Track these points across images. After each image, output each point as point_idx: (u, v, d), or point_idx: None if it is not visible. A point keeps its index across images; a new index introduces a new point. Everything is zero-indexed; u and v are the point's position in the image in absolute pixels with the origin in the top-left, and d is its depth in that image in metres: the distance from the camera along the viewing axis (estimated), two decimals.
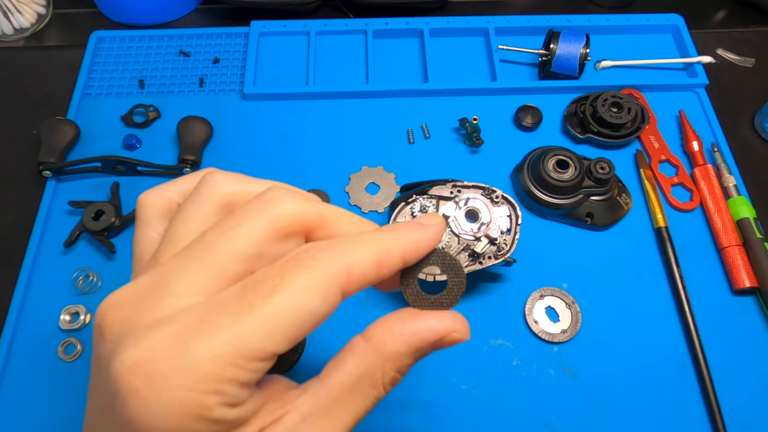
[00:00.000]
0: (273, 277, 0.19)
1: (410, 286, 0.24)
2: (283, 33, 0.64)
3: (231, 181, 0.24)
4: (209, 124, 0.56)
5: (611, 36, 0.65)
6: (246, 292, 0.19)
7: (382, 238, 0.22)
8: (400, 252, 0.22)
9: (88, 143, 0.57)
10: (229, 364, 0.18)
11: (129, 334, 0.18)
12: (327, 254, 0.20)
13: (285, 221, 0.21)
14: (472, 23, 0.64)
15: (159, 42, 0.64)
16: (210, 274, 0.20)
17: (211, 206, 0.23)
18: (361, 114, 0.59)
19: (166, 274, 0.20)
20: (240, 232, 0.21)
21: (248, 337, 0.18)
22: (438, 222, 0.24)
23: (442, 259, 0.24)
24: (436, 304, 0.24)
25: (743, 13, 0.70)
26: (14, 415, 0.44)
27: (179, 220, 0.23)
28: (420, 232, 0.23)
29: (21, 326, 0.47)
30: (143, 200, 0.25)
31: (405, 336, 0.22)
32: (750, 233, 0.50)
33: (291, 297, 0.19)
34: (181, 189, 0.25)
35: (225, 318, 0.18)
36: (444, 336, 0.23)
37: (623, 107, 0.55)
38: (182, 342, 0.18)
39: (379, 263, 0.21)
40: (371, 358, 0.21)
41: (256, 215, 0.21)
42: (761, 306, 0.48)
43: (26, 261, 0.50)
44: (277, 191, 0.22)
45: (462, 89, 0.60)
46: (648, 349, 0.47)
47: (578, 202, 0.51)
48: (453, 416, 0.44)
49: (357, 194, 0.54)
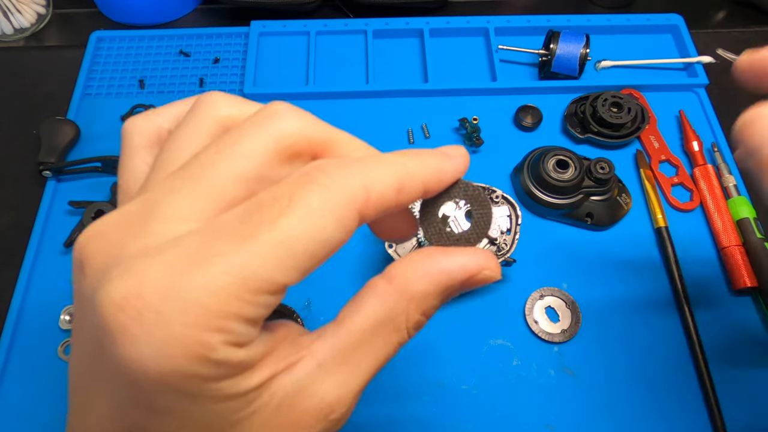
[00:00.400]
0: (281, 198, 0.16)
1: (432, 222, 0.22)
2: (283, 33, 0.65)
3: (230, 102, 0.21)
4: None
5: (611, 36, 0.65)
6: (250, 215, 0.16)
7: (404, 160, 0.19)
8: (423, 178, 0.20)
9: (88, 143, 0.57)
10: (233, 296, 0.15)
11: (115, 265, 0.16)
12: (344, 171, 0.17)
13: (290, 139, 0.19)
14: (472, 23, 0.64)
15: (159, 42, 0.64)
16: (206, 196, 0.17)
17: (208, 129, 0.20)
18: (361, 114, 0.59)
19: (155, 198, 0.17)
20: (239, 150, 0.18)
21: (254, 267, 0.16)
22: (462, 153, 0.22)
23: (464, 190, 0.22)
24: (462, 241, 0.21)
25: (743, 13, 0.70)
26: (14, 414, 0.44)
27: (171, 145, 0.20)
28: (444, 160, 0.21)
29: (21, 326, 0.47)
30: (129, 126, 0.22)
31: (433, 274, 0.20)
32: (750, 233, 0.50)
33: (302, 220, 0.16)
34: (174, 115, 0.22)
35: (226, 245, 0.16)
36: (475, 274, 0.20)
37: (623, 107, 0.55)
38: (177, 272, 0.15)
39: (401, 187, 0.19)
40: (394, 300, 0.19)
41: (258, 132, 0.18)
42: (761, 306, 0.48)
43: (26, 261, 0.50)
44: (279, 105, 0.19)
45: (462, 89, 0.60)
46: (648, 349, 0.47)
47: (578, 202, 0.51)
48: (453, 416, 0.44)
49: None
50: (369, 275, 0.50)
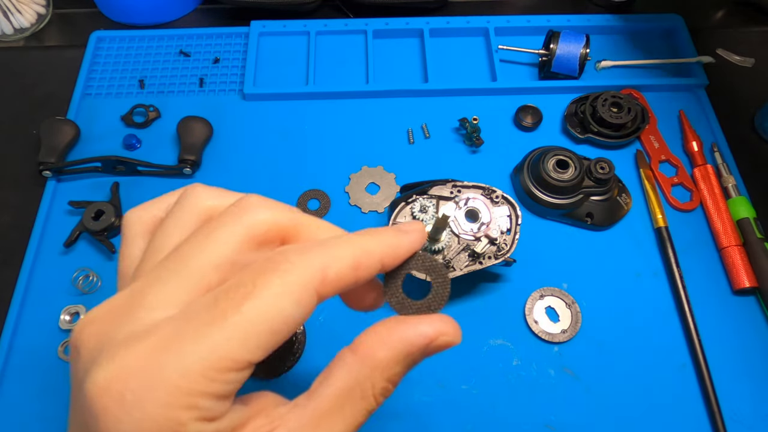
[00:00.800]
0: (245, 284, 0.19)
1: (394, 293, 0.24)
2: (283, 33, 0.65)
3: (211, 194, 0.24)
4: (209, 124, 0.56)
5: (611, 36, 0.65)
6: (218, 300, 0.18)
7: (360, 240, 0.22)
8: (379, 254, 0.22)
9: (88, 143, 0.57)
10: (201, 376, 0.17)
11: (102, 351, 0.18)
12: (302, 256, 0.20)
13: (260, 228, 0.21)
14: (472, 23, 0.64)
15: (159, 42, 0.64)
16: (185, 284, 0.19)
17: (191, 219, 0.23)
18: (361, 114, 0.59)
19: (141, 288, 0.20)
20: (214, 239, 0.20)
21: (221, 348, 0.18)
22: (418, 229, 0.24)
23: (423, 262, 0.24)
24: (423, 309, 0.23)
25: (743, 13, 0.70)
26: (14, 415, 0.44)
27: (160, 234, 0.22)
28: (400, 236, 0.23)
29: (21, 326, 0.47)
30: (128, 217, 0.25)
31: (393, 343, 0.21)
32: (750, 233, 0.50)
33: (264, 303, 0.18)
34: (166, 205, 0.25)
35: (196, 329, 0.18)
36: (433, 340, 0.22)
37: (623, 107, 0.55)
38: (154, 357, 0.17)
39: (357, 265, 0.21)
40: (360, 369, 0.21)
41: (231, 223, 0.21)
42: (761, 306, 0.48)
43: (26, 261, 0.50)
44: (252, 198, 0.22)
45: (462, 89, 0.60)
46: (648, 349, 0.47)
47: (578, 202, 0.51)
48: (453, 416, 0.44)
49: (357, 194, 0.54)
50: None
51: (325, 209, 0.53)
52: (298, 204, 0.53)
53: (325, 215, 0.53)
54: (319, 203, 0.53)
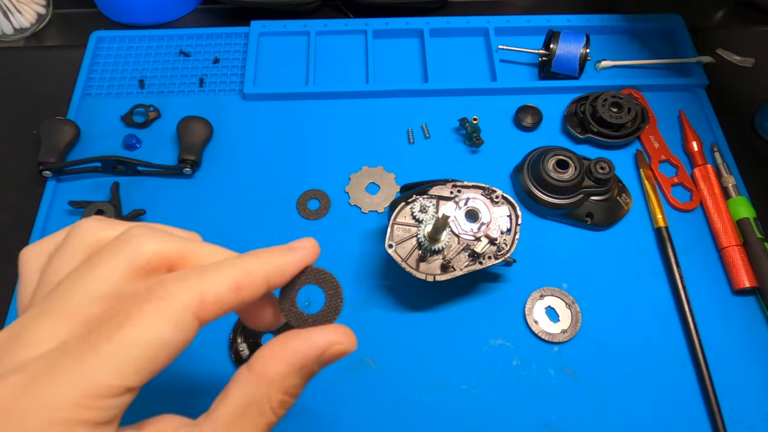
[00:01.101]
0: (118, 313, 0.19)
1: (289, 308, 0.24)
2: (283, 33, 0.65)
3: (98, 226, 0.24)
4: (209, 124, 0.56)
5: (611, 36, 0.65)
6: (91, 332, 0.19)
7: (241, 263, 0.22)
8: (263, 274, 0.22)
9: (88, 143, 0.57)
10: (75, 406, 0.18)
11: None
12: (179, 283, 0.20)
13: (143, 258, 0.21)
14: (472, 23, 0.64)
15: (159, 42, 0.64)
16: (64, 318, 0.20)
17: (79, 252, 0.23)
18: (361, 114, 0.59)
19: (22, 325, 0.20)
20: (96, 273, 0.21)
21: (92, 377, 0.18)
22: (308, 246, 0.24)
23: (315, 276, 0.25)
24: (318, 321, 0.24)
25: (743, 13, 0.70)
26: None
27: (48, 269, 0.23)
28: (286, 255, 0.23)
29: None
30: (22, 256, 0.25)
31: (287, 356, 0.22)
32: (750, 233, 0.50)
33: (138, 330, 0.19)
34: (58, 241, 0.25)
35: (69, 362, 0.18)
36: (326, 349, 0.22)
37: (623, 107, 0.55)
38: (21, 392, 0.18)
39: (238, 287, 0.21)
40: (255, 385, 0.21)
41: (113, 255, 0.21)
42: (761, 306, 0.48)
43: None
44: (135, 230, 0.22)
45: (462, 89, 0.60)
46: (648, 349, 0.47)
47: (578, 202, 0.51)
48: (453, 416, 0.44)
49: (357, 194, 0.54)
50: (369, 275, 0.50)
51: (325, 209, 0.53)
52: (298, 204, 0.53)
53: (325, 215, 0.53)
54: (319, 203, 0.53)
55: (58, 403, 0.18)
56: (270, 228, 0.52)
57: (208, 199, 0.54)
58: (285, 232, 0.52)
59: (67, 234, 0.24)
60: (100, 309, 0.20)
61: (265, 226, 0.52)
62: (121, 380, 0.18)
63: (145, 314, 0.19)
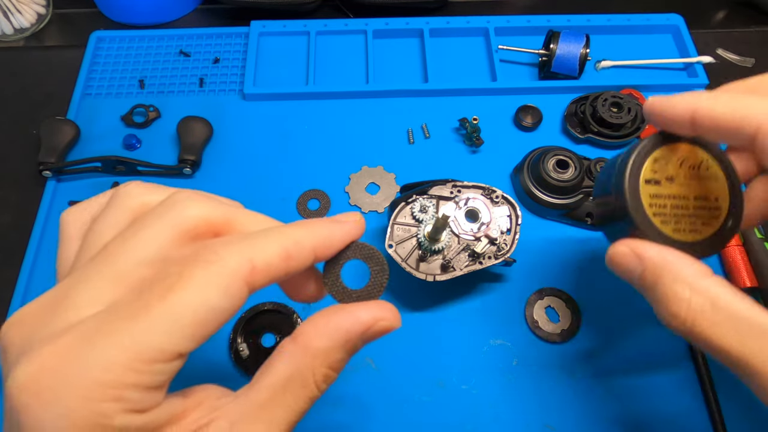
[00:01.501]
0: (170, 275, 0.19)
1: (333, 282, 0.24)
2: (283, 33, 0.65)
3: (143, 190, 0.23)
4: (209, 124, 0.56)
5: (611, 36, 0.65)
6: (142, 293, 0.19)
7: (290, 231, 0.22)
8: (311, 245, 0.22)
9: (88, 143, 0.57)
10: (126, 368, 0.17)
11: (25, 351, 0.18)
12: (228, 248, 0.20)
13: (189, 223, 0.21)
14: (472, 23, 0.64)
15: (159, 42, 0.64)
16: (111, 281, 0.19)
17: (123, 216, 0.23)
18: (361, 114, 0.59)
19: (68, 286, 0.20)
20: (142, 237, 0.20)
21: (145, 339, 0.18)
22: (354, 219, 0.24)
23: (360, 251, 0.24)
24: (363, 296, 0.24)
25: (743, 13, 0.70)
26: None
27: (91, 233, 0.23)
28: (333, 227, 0.23)
29: None
30: (63, 218, 0.25)
31: (330, 331, 0.22)
32: (750, 233, 0.50)
33: (189, 294, 0.18)
34: (101, 204, 0.24)
35: (120, 322, 0.18)
36: (371, 326, 0.22)
37: (623, 107, 0.55)
38: (73, 352, 0.17)
39: (287, 255, 0.21)
40: (299, 357, 0.21)
41: (158, 219, 0.21)
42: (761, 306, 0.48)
43: (26, 261, 0.50)
44: (181, 194, 0.22)
45: (462, 89, 0.60)
46: (648, 349, 0.47)
47: (578, 202, 0.51)
48: (453, 416, 0.44)
49: (357, 194, 0.54)
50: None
51: (325, 209, 0.53)
52: (298, 204, 0.53)
53: (325, 215, 0.53)
54: (319, 203, 0.53)
55: (111, 365, 0.17)
56: None
57: None
58: None
59: (110, 198, 0.23)
60: (147, 273, 0.20)
61: None
62: (173, 345, 0.18)
63: (195, 278, 0.19)
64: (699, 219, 0.31)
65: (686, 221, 0.31)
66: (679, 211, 0.31)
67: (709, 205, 0.31)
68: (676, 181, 0.31)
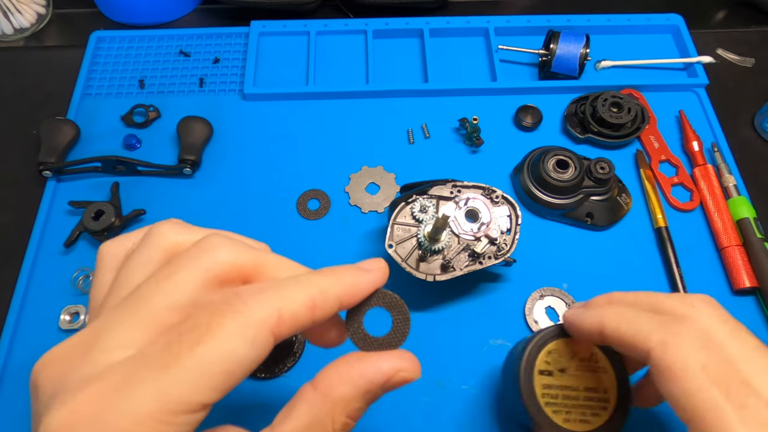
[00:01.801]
0: (199, 325, 0.19)
1: (356, 329, 0.24)
2: (283, 33, 0.65)
3: (176, 231, 0.24)
4: (209, 124, 0.56)
5: (611, 36, 0.65)
6: (172, 342, 0.19)
7: (317, 280, 0.22)
8: (336, 294, 0.22)
9: (88, 143, 0.57)
10: (154, 420, 0.17)
11: (56, 394, 0.18)
12: (257, 297, 0.20)
13: (220, 269, 0.21)
14: (472, 23, 0.64)
15: (159, 42, 0.64)
16: (142, 326, 0.20)
17: (156, 255, 0.23)
18: (361, 114, 0.59)
19: (99, 328, 0.20)
20: (174, 281, 0.21)
21: (173, 391, 0.18)
22: (380, 267, 0.24)
23: (383, 299, 0.24)
24: (384, 345, 0.24)
25: (743, 13, 0.70)
26: (14, 415, 0.43)
27: (124, 270, 0.23)
28: (359, 275, 0.23)
29: (21, 326, 0.47)
30: (103, 250, 0.25)
31: (353, 379, 0.22)
32: (750, 233, 0.50)
33: (217, 345, 0.19)
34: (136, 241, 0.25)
35: (150, 372, 0.18)
36: (392, 376, 0.22)
37: (623, 107, 0.55)
38: (105, 402, 0.18)
39: (313, 305, 0.21)
40: (320, 405, 0.21)
41: (191, 264, 0.21)
42: (761, 306, 0.48)
43: (26, 261, 0.50)
44: (213, 239, 0.22)
45: (462, 89, 0.60)
46: None
47: (578, 202, 0.51)
48: (453, 416, 0.44)
49: (357, 194, 0.54)
50: None
51: (325, 209, 0.53)
52: (297, 204, 0.53)
53: (325, 215, 0.53)
54: (319, 203, 0.53)
55: (138, 415, 0.17)
56: (270, 228, 0.52)
57: (208, 199, 0.54)
58: (285, 232, 0.52)
59: (144, 235, 0.24)
60: (177, 318, 0.20)
61: (265, 226, 0.52)
62: (201, 396, 0.18)
63: (223, 328, 0.19)
64: (589, 409, 0.34)
65: (577, 411, 0.33)
66: (569, 401, 0.34)
67: (599, 397, 0.34)
68: (567, 372, 0.34)
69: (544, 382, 0.34)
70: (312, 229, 0.52)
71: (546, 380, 0.34)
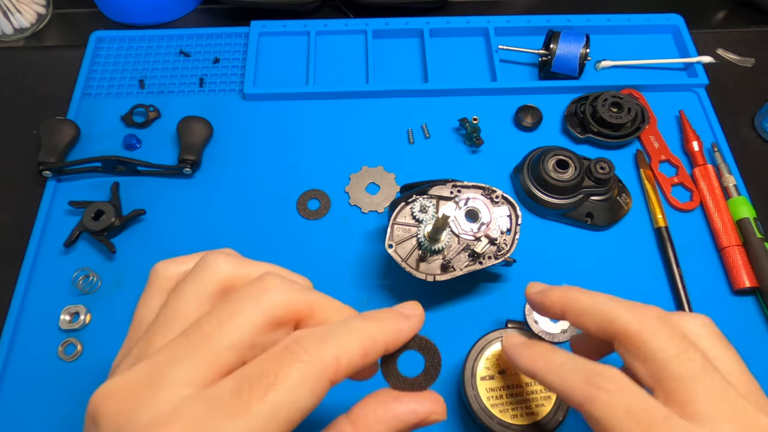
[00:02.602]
0: (267, 374, 0.20)
1: (391, 370, 0.25)
2: (283, 33, 0.65)
3: (231, 264, 0.25)
4: (209, 124, 0.56)
5: (611, 36, 0.65)
6: (242, 389, 0.19)
7: (367, 328, 0.23)
8: (383, 340, 0.23)
9: (88, 143, 0.57)
10: None
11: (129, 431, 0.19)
12: (318, 346, 0.21)
13: (278, 311, 0.22)
14: (472, 23, 0.64)
15: (159, 42, 0.64)
16: (205, 365, 0.20)
17: (210, 288, 0.24)
18: (361, 114, 0.59)
19: (161, 363, 0.20)
20: (235, 322, 0.21)
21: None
22: (419, 313, 0.25)
23: (418, 342, 0.26)
24: (416, 386, 0.25)
25: (743, 13, 0.70)
26: (14, 415, 0.44)
27: (177, 299, 0.23)
28: (402, 322, 0.24)
29: (21, 326, 0.47)
30: (159, 269, 0.26)
31: (389, 419, 0.22)
32: (750, 233, 0.50)
33: (285, 394, 0.19)
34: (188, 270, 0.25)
35: (223, 419, 0.19)
36: (425, 418, 0.23)
37: (623, 107, 0.55)
38: None
39: (365, 353, 0.22)
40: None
41: (251, 306, 0.22)
42: (761, 306, 0.48)
43: (26, 261, 0.50)
44: (270, 279, 0.23)
45: (462, 89, 0.60)
46: None
47: (578, 202, 0.51)
48: (453, 416, 0.44)
49: (357, 194, 0.54)
50: (369, 275, 0.50)
51: (325, 209, 0.53)
52: (298, 204, 0.53)
53: (325, 215, 0.53)
54: (319, 203, 0.53)
55: None
56: (270, 228, 0.52)
57: (208, 199, 0.54)
58: (285, 232, 0.52)
59: (198, 263, 0.25)
60: (236, 359, 0.21)
61: (265, 226, 0.52)
62: None
63: (289, 378, 0.20)
64: (533, 402, 0.37)
65: (522, 406, 0.37)
66: (513, 399, 0.37)
67: (540, 388, 0.37)
68: (507, 372, 0.38)
69: (487, 386, 0.38)
70: (312, 229, 0.52)
71: (488, 384, 0.38)
